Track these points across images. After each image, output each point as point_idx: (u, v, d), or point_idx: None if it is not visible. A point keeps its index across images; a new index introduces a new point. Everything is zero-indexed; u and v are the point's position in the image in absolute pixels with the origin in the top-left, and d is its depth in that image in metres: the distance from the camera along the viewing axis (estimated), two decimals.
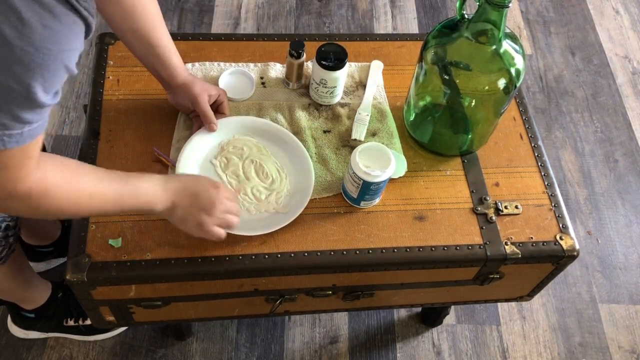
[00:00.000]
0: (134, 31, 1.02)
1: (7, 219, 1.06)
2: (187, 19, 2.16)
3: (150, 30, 1.03)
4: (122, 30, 1.03)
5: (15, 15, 0.59)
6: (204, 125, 1.11)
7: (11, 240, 1.10)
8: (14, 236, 1.11)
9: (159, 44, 1.06)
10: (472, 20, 1.00)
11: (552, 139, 2.00)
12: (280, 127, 1.15)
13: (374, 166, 1.02)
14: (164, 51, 1.07)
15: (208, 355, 1.49)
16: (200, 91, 1.10)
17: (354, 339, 1.55)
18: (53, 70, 0.65)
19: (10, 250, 1.12)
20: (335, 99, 1.21)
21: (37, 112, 0.68)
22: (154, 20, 1.04)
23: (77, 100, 1.89)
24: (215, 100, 1.13)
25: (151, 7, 1.03)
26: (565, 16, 2.36)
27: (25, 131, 0.68)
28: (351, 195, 1.07)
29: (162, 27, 1.06)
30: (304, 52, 1.17)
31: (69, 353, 1.46)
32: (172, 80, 1.10)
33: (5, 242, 1.09)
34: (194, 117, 1.15)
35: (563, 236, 1.10)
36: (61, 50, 0.65)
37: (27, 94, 0.64)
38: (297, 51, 1.16)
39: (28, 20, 0.60)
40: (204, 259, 1.01)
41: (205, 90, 1.11)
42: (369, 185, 1.02)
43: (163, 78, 1.10)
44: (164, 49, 1.07)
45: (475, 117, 1.14)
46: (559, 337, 1.61)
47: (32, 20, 0.60)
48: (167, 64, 1.08)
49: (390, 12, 2.28)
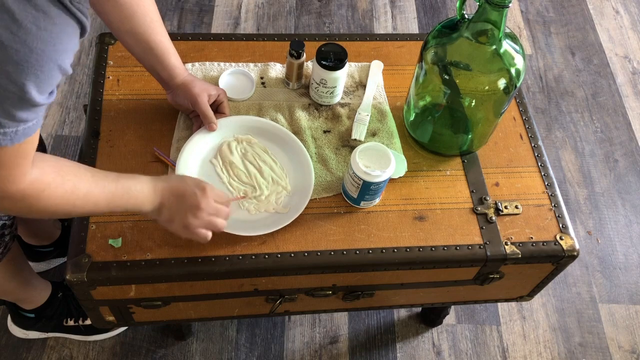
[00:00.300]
0: (132, 32, 1.03)
1: (4, 218, 1.06)
2: (187, 19, 2.16)
3: (148, 31, 1.04)
4: (121, 32, 1.04)
5: (9, 16, 0.59)
6: (203, 125, 1.11)
7: (7, 239, 1.10)
8: (10, 235, 1.11)
9: (157, 45, 1.06)
10: (472, 20, 1.00)
11: (552, 139, 2.00)
12: (280, 127, 1.15)
13: (373, 166, 1.02)
14: (163, 52, 1.07)
15: (208, 355, 1.49)
16: (200, 91, 1.10)
17: (354, 339, 1.55)
18: (47, 71, 0.66)
19: (7, 249, 1.12)
20: (335, 99, 1.21)
21: (31, 111, 0.68)
22: (152, 21, 1.04)
23: (77, 100, 1.89)
24: (215, 100, 1.14)
25: (149, 8, 1.03)
26: (565, 16, 2.36)
27: (20, 129, 0.68)
28: (351, 195, 1.07)
29: (161, 28, 1.06)
30: (303, 52, 1.17)
31: (69, 353, 1.46)
32: (172, 81, 1.10)
33: (0, 241, 1.09)
34: (193, 117, 1.15)
35: (563, 236, 1.10)
36: (55, 50, 0.65)
37: (21, 93, 0.65)
38: (297, 51, 1.16)
39: (22, 22, 0.60)
40: (204, 259, 1.01)
41: (205, 90, 1.11)
42: (369, 185, 1.02)
43: (162, 78, 1.11)
44: (162, 49, 1.07)
45: (475, 117, 1.14)
46: (559, 337, 1.61)
47: (26, 21, 0.60)
48: (166, 64, 1.08)
49: (390, 12, 2.28)
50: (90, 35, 2.05)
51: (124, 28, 1.02)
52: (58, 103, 1.86)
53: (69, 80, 1.93)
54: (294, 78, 1.21)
